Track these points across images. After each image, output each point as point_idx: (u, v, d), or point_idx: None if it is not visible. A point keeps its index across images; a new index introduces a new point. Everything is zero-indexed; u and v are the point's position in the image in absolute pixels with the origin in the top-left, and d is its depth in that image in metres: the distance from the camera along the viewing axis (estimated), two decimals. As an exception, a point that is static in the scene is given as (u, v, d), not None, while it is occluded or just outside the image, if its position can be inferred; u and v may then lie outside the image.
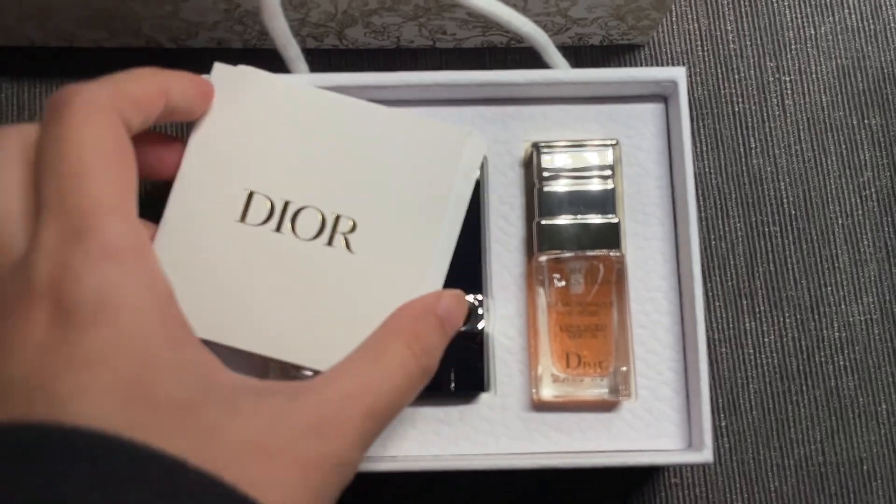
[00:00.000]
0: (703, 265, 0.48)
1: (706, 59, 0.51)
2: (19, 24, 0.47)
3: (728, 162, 0.50)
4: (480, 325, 0.42)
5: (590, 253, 0.42)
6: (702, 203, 0.49)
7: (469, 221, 0.43)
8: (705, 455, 0.40)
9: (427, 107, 0.45)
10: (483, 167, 0.44)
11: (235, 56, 0.50)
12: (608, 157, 0.43)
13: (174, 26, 0.47)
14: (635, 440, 0.42)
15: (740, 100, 0.51)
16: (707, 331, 0.48)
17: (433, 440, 0.42)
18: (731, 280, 0.49)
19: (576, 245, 0.42)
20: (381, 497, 0.46)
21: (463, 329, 0.42)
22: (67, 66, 0.50)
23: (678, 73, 0.43)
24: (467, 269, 0.42)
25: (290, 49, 0.43)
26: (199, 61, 0.50)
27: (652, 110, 0.45)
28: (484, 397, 0.43)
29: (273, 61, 0.50)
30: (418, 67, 0.50)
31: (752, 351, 0.48)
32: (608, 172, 0.43)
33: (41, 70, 0.50)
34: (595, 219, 0.42)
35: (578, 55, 0.51)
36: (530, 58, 0.51)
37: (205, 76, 0.40)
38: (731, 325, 0.48)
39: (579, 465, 0.40)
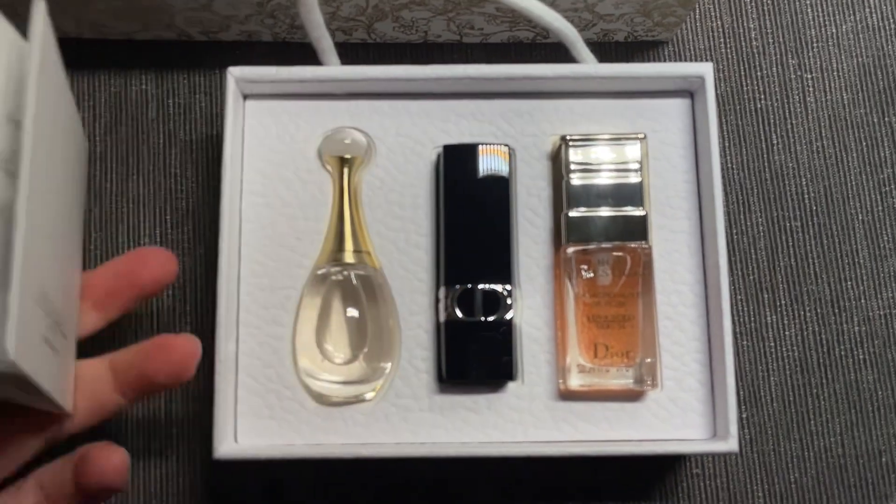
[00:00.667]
0: (725, 259, 0.49)
1: (729, 56, 0.52)
2: (53, 15, 0.47)
3: (750, 158, 0.51)
4: (508, 316, 0.43)
5: (618, 245, 0.42)
6: (724, 198, 0.50)
7: (498, 212, 0.44)
8: (731, 444, 0.41)
9: (456, 100, 0.46)
10: (511, 159, 0.45)
11: (264, 49, 0.51)
12: (636, 150, 0.43)
13: (206, 19, 0.48)
14: (660, 430, 0.43)
15: (762, 97, 0.52)
16: (729, 324, 0.48)
17: (461, 427, 0.43)
18: (752, 274, 0.50)
19: (603, 237, 0.43)
20: (407, 482, 0.46)
21: (491, 319, 0.42)
22: (99, 58, 0.51)
23: (705, 69, 0.44)
24: (496, 259, 0.43)
25: (324, 41, 0.44)
26: (228, 54, 0.51)
27: (678, 105, 0.46)
28: (511, 386, 0.43)
29: (302, 54, 0.50)
30: (444, 62, 0.51)
31: (772, 344, 0.49)
32: (636, 166, 0.43)
33: (73, 61, 0.51)
34: (623, 211, 0.43)
35: (602, 52, 0.51)
36: (555, 53, 0.51)
37: None
38: (752, 319, 0.49)
39: (606, 453, 0.41)
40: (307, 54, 0.48)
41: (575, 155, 0.43)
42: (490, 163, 0.44)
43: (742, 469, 0.48)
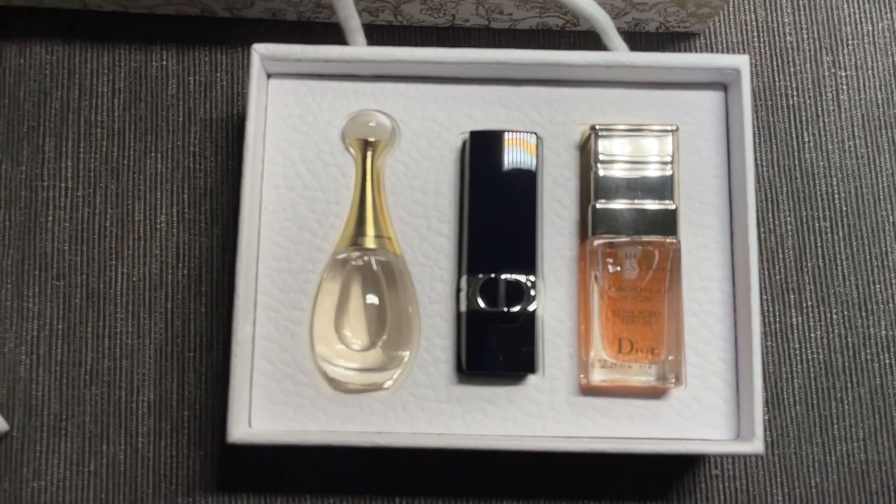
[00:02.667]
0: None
1: (762, 50, 0.51)
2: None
3: (781, 155, 0.50)
4: (532, 307, 0.42)
5: (645, 238, 0.41)
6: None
7: (523, 201, 0.43)
8: (755, 446, 0.40)
9: (483, 86, 0.45)
10: (538, 148, 0.44)
11: (288, 28, 0.50)
12: (668, 142, 0.42)
13: (231, -6, 0.47)
14: (683, 429, 0.42)
15: (795, 93, 0.50)
16: (753, 323, 0.47)
17: (479, 419, 0.42)
18: (779, 274, 0.48)
19: (632, 230, 0.42)
20: (420, 473, 0.46)
21: (514, 310, 0.42)
22: (119, 31, 0.50)
23: (741, 62, 0.43)
24: (520, 249, 0.42)
25: (352, 21, 0.43)
26: (251, 31, 0.50)
27: (711, 98, 0.45)
28: (532, 379, 0.42)
29: (326, 34, 0.50)
30: (471, 47, 0.50)
31: (797, 346, 0.48)
32: (667, 158, 0.42)
33: (94, 34, 0.50)
34: (652, 204, 0.42)
35: (633, 41, 0.50)
36: (584, 42, 0.50)
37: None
38: (777, 319, 0.48)
39: (627, 450, 0.40)
40: (331, 35, 0.47)
41: (604, 145, 0.42)
42: (517, 150, 0.43)
43: (762, 471, 0.47)
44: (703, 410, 0.42)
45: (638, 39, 0.51)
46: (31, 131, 0.49)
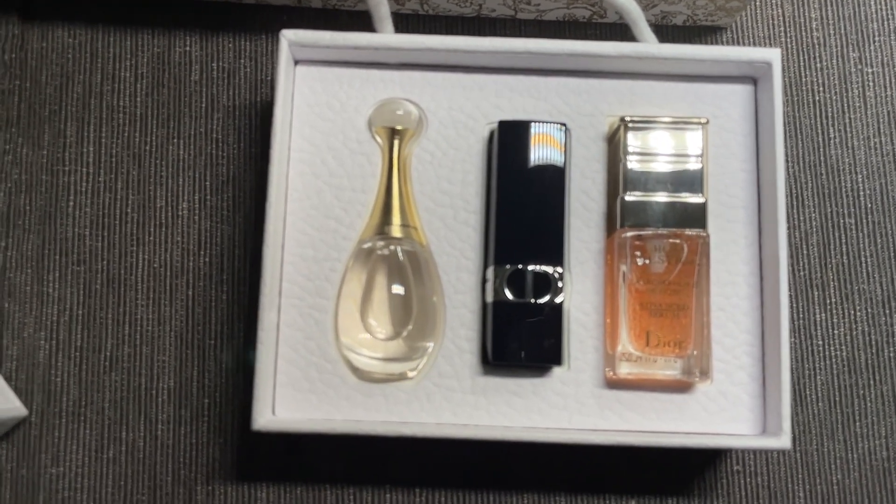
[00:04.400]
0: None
1: (789, 46, 0.51)
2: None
3: (806, 151, 0.50)
4: (559, 299, 0.42)
5: (675, 231, 0.41)
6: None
7: (551, 192, 0.42)
8: (783, 441, 0.39)
9: (511, 75, 0.45)
10: (567, 139, 0.43)
11: (313, 15, 0.50)
12: (698, 135, 0.42)
13: (257, -20, 0.47)
14: (708, 423, 0.42)
15: (821, 89, 0.50)
16: (777, 319, 0.47)
17: (504, 411, 0.42)
18: (803, 270, 0.48)
19: (660, 222, 0.41)
20: (444, 463, 0.45)
21: (541, 302, 0.41)
22: (142, 16, 0.50)
23: (773, 55, 0.43)
24: (548, 240, 0.42)
25: (381, 8, 0.43)
26: (276, 18, 0.50)
27: (740, 92, 0.45)
28: (557, 372, 0.42)
29: (349, 22, 0.49)
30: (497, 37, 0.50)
31: (820, 342, 0.48)
32: (697, 151, 0.42)
33: (117, 19, 0.50)
34: (681, 197, 0.42)
35: (659, 34, 0.50)
36: (611, 34, 0.50)
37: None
38: (801, 316, 0.48)
39: (653, 444, 0.40)
40: (355, 23, 0.47)
41: (634, 137, 0.42)
42: (545, 141, 0.43)
43: (784, 468, 0.46)
44: (728, 405, 0.42)
45: (664, 32, 0.50)
46: (53, 115, 0.49)
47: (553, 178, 0.43)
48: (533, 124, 0.43)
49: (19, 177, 0.48)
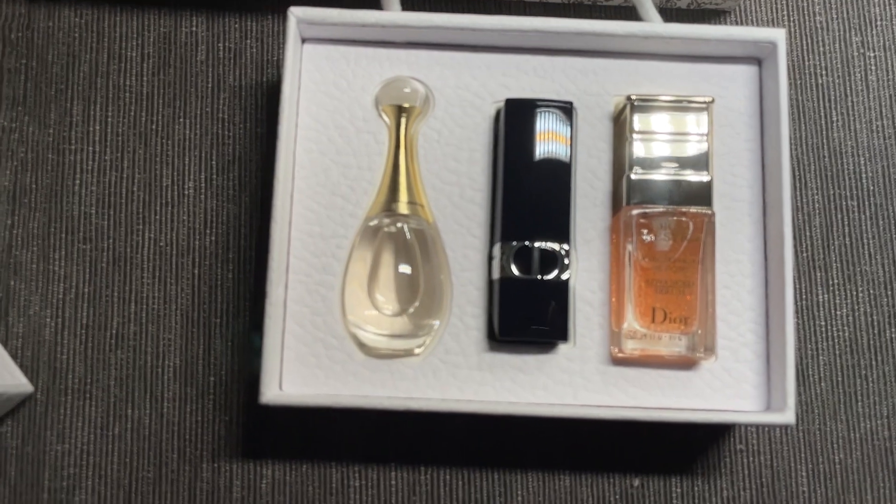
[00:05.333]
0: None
1: (792, 30, 0.51)
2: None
3: (809, 134, 0.50)
4: (565, 276, 0.42)
5: (681, 209, 0.41)
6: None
7: (557, 170, 0.43)
8: (787, 416, 0.40)
9: (517, 55, 0.45)
10: (573, 118, 0.43)
11: (319, -4, 0.50)
12: (703, 114, 0.42)
13: (264, -40, 0.47)
14: (713, 400, 0.42)
15: (824, 72, 0.51)
16: (780, 300, 0.47)
17: (510, 387, 0.42)
18: (806, 252, 0.49)
19: (666, 200, 0.42)
20: (449, 440, 0.46)
21: (547, 278, 0.42)
22: (149, -4, 0.50)
23: (778, 35, 0.43)
24: (554, 217, 0.42)
25: (390, -14, 0.43)
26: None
27: (744, 72, 0.45)
28: (563, 348, 0.42)
29: (353, 4, 0.49)
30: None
31: (823, 323, 0.48)
32: (703, 130, 0.42)
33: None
34: (688, 176, 0.42)
35: (665, 17, 0.50)
36: (615, 16, 0.50)
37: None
38: (804, 297, 0.48)
39: (660, 419, 0.40)
40: (358, 5, 0.47)
41: (640, 116, 0.42)
42: (551, 120, 0.43)
43: (786, 447, 0.47)
44: (733, 382, 0.42)
45: (669, 15, 0.50)
46: (59, 94, 0.49)
47: (559, 156, 0.43)
48: (540, 103, 0.43)
49: (25, 155, 0.48)
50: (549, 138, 0.43)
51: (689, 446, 0.46)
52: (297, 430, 0.46)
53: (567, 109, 0.43)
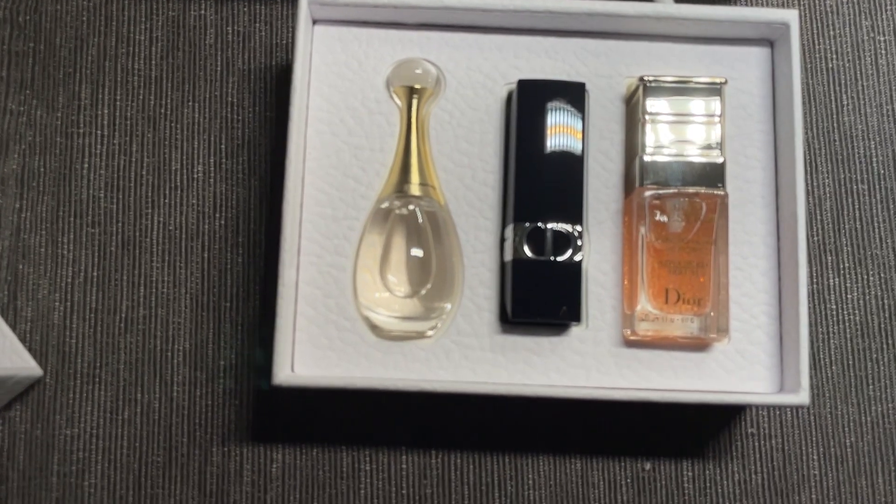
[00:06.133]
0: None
1: (802, 13, 0.51)
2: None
3: (819, 117, 0.50)
4: (578, 257, 0.42)
5: (693, 190, 0.41)
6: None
7: (570, 151, 0.42)
8: (801, 397, 0.40)
9: (529, 36, 0.45)
10: (586, 99, 0.43)
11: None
12: (716, 95, 0.42)
13: (274, -58, 0.46)
14: (726, 382, 0.42)
15: (834, 56, 0.50)
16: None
17: (522, 369, 0.42)
18: (816, 235, 0.49)
19: (680, 181, 0.42)
20: (460, 423, 0.45)
21: (560, 259, 0.41)
22: (157, -20, 0.50)
23: (790, 16, 0.43)
24: (567, 199, 0.42)
25: (401, -34, 0.42)
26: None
27: (757, 54, 0.45)
28: (575, 331, 0.42)
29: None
30: None
31: (834, 307, 0.48)
32: (716, 111, 0.42)
33: (131, -18, 0.50)
34: (700, 157, 0.42)
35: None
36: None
37: None
38: (814, 280, 0.48)
39: (674, 400, 0.40)
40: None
41: (652, 97, 0.42)
42: (564, 101, 0.43)
43: (797, 430, 0.47)
44: (746, 364, 0.42)
45: (679, -1, 0.50)
46: (68, 78, 0.49)
47: (572, 137, 0.43)
48: (552, 84, 0.43)
49: (34, 139, 0.48)
50: (561, 120, 0.43)
51: (700, 430, 0.46)
52: (308, 413, 0.45)
53: (579, 91, 0.43)
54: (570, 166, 0.42)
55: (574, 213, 0.42)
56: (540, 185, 0.42)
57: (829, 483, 0.46)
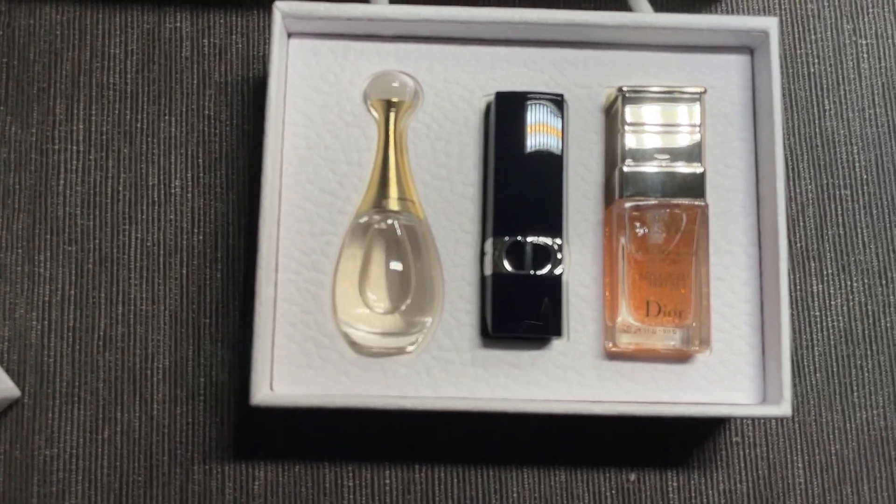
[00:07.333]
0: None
1: (783, 18, 0.50)
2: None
3: (801, 123, 0.49)
4: (558, 270, 0.41)
5: (674, 201, 0.41)
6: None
7: (549, 164, 0.42)
8: (783, 409, 0.39)
9: (507, 47, 0.44)
10: (564, 110, 0.43)
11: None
12: (696, 105, 0.42)
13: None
14: (708, 393, 0.42)
15: (816, 61, 0.50)
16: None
17: (503, 384, 0.42)
18: (799, 242, 0.48)
19: (660, 192, 0.41)
20: (443, 439, 0.45)
21: (540, 273, 0.41)
22: (132, -8, 0.49)
23: (770, 24, 0.43)
24: (547, 212, 0.42)
25: (376, -22, 0.42)
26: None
27: (736, 62, 0.44)
28: (556, 344, 0.42)
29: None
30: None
31: (818, 313, 0.48)
32: (695, 121, 0.42)
33: (104, -6, 0.49)
34: (680, 167, 0.42)
35: (654, 6, 0.50)
36: (605, 6, 0.50)
37: None
38: (798, 287, 0.48)
39: (656, 413, 0.40)
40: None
41: (632, 107, 0.42)
42: (542, 112, 0.42)
43: (782, 439, 0.46)
44: (728, 374, 0.42)
45: (659, 4, 0.50)
46: (42, 93, 0.48)
47: (551, 149, 0.42)
48: (530, 95, 0.42)
49: (8, 156, 0.48)
50: (540, 131, 0.42)
51: (684, 440, 0.46)
52: (290, 430, 0.45)
53: (558, 102, 0.43)
54: (550, 178, 0.42)
55: (554, 225, 0.41)
56: (519, 198, 0.42)
57: (815, 491, 0.46)
